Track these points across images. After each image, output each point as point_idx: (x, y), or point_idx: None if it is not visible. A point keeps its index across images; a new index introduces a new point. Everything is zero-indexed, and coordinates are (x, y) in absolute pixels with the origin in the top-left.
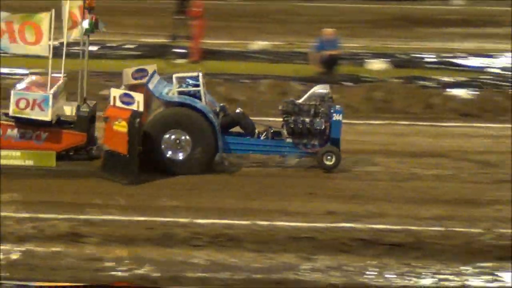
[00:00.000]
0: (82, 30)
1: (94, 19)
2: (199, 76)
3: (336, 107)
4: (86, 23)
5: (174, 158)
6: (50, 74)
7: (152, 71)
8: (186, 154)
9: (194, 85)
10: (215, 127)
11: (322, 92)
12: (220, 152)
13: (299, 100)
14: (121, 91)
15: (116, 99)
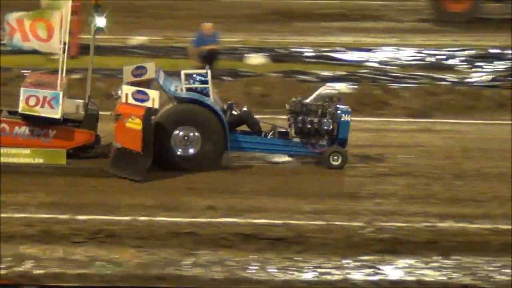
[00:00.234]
0: (94, 28)
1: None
2: (208, 73)
3: (344, 108)
4: (101, 21)
5: (184, 155)
6: (61, 72)
7: (157, 68)
8: (196, 151)
9: (202, 82)
10: (224, 125)
11: (330, 93)
12: (229, 150)
13: (306, 100)
14: (134, 88)
15: (129, 96)
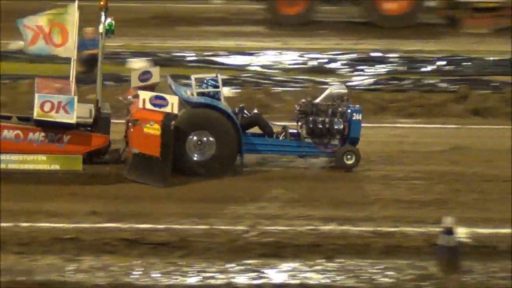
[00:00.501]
0: (103, 32)
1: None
2: (218, 77)
3: (356, 107)
4: (107, 25)
5: (198, 159)
6: (74, 77)
7: (166, 74)
8: (210, 155)
9: (214, 86)
10: (239, 128)
11: (341, 92)
12: (243, 153)
13: (316, 100)
14: (152, 93)
15: (146, 102)
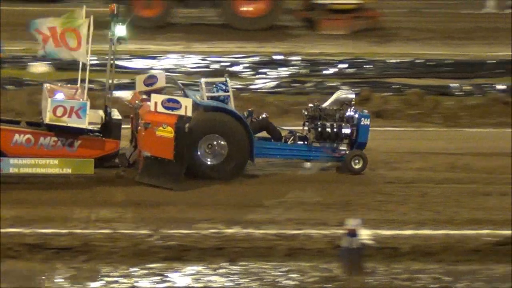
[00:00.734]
0: (114, 38)
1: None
2: (228, 81)
3: (364, 112)
4: (121, 31)
5: (210, 163)
6: (87, 82)
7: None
8: (223, 159)
9: (224, 90)
10: (250, 132)
11: (348, 98)
12: (254, 157)
13: (323, 105)
14: (164, 97)
15: (158, 105)
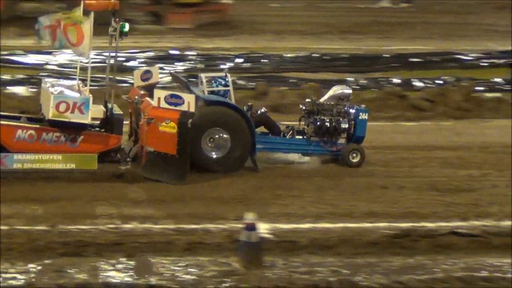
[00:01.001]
0: (117, 33)
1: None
2: (228, 76)
3: (362, 107)
4: (126, 27)
5: (213, 157)
6: (89, 78)
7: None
8: (225, 153)
9: (224, 85)
10: (252, 126)
11: (345, 93)
12: (256, 151)
13: (320, 100)
14: (167, 92)
15: (161, 100)
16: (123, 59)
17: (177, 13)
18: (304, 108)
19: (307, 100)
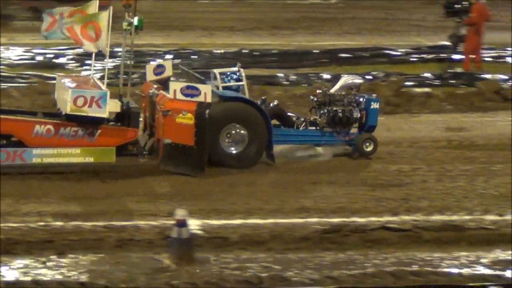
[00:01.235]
0: (132, 28)
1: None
2: (241, 71)
3: (373, 96)
4: (136, 20)
5: (231, 152)
6: (107, 72)
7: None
8: (243, 148)
9: (237, 80)
10: (269, 121)
11: (356, 83)
12: (273, 145)
13: (331, 90)
14: (182, 84)
15: (177, 92)
16: (52, 56)
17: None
18: (316, 99)
19: (318, 91)
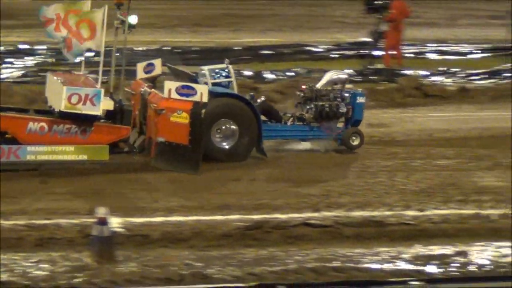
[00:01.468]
0: (126, 26)
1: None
2: (230, 68)
3: (359, 91)
4: (133, 19)
5: (223, 147)
6: (101, 70)
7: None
8: (234, 143)
9: (226, 76)
10: (259, 116)
11: (342, 78)
12: (262, 140)
13: (317, 86)
14: (178, 83)
15: (172, 91)
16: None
17: None
18: (303, 95)
19: (304, 87)
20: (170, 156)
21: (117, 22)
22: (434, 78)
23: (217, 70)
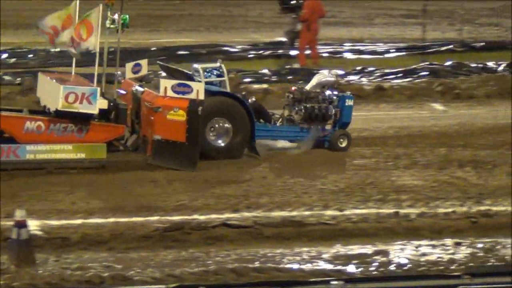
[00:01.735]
0: (119, 25)
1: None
2: (222, 67)
3: (347, 93)
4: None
5: (217, 145)
6: (97, 69)
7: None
8: (228, 141)
9: (218, 75)
10: (252, 115)
11: (330, 80)
12: (255, 139)
13: (306, 87)
14: (174, 81)
15: (168, 90)
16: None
17: None
18: (292, 96)
19: (293, 88)
20: (167, 154)
21: (109, 22)
22: (351, 78)
23: (210, 69)
